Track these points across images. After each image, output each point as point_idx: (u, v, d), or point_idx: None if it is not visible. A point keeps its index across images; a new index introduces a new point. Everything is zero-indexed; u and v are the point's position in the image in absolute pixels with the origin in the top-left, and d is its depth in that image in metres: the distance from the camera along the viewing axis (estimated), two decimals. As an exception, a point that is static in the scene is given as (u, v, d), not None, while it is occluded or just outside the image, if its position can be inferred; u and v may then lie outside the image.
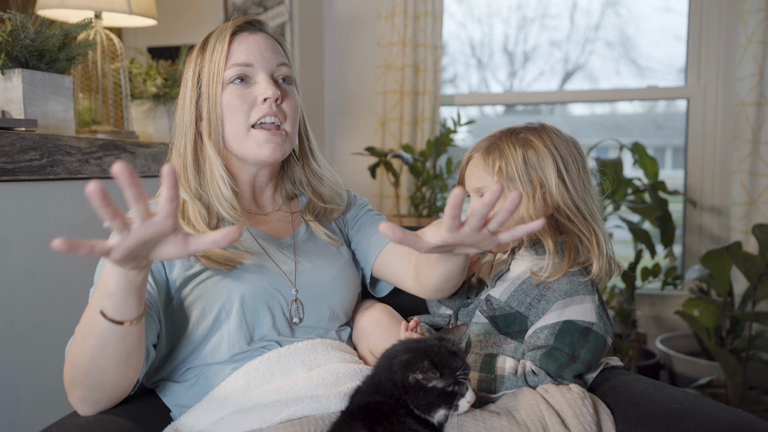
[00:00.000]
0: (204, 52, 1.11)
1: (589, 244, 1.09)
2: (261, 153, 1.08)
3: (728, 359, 2.25)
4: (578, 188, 1.11)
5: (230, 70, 1.08)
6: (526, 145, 1.10)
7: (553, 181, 1.09)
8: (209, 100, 1.09)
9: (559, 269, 1.08)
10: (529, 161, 1.09)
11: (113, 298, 0.84)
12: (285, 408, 0.95)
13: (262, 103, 1.08)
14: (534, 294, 1.09)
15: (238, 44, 1.10)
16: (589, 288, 1.08)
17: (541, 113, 3.69)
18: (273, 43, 1.13)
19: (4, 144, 1.34)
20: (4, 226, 1.37)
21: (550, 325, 1.05)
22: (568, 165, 1.10)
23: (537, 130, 1.13)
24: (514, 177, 1.09)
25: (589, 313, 1.05)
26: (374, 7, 3.03)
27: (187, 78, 1.13)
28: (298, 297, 1.10)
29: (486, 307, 1.13)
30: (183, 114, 1.12)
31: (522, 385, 1.02)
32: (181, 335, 1.03)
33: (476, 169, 1.14)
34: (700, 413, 0.89)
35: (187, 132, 1.11)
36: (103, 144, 1.66)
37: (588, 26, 3.32)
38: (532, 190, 1.09)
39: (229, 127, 1.09)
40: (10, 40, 1.44)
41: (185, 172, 1.10)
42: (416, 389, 0.87)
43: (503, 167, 1.10)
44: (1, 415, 1.36)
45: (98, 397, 0.96)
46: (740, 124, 2.65)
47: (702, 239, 2.91)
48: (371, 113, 3.12)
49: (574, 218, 1.10)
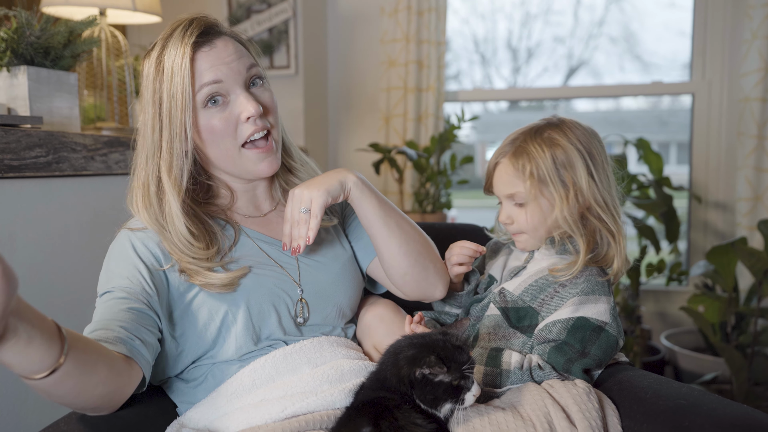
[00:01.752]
0: (161, 74, 1.01)
1: (613, 242, 1.09)
2: (259, 171, 1.07)
3: (733, 355, 2.24)
4: (604, 182, 1.09)
5: (201, 92, 1.01)
6: (553, 145, 1.08)
7: (583, 179, 1.07)
8: (173, 128, 1.01)
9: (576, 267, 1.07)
10: (558, 161, 1.07)
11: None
12: (290, 404, 0.95)
13: (246, 121, 1.04)
14: (549, 291, 1.08)
15: (202, 62, 1.01)
16: (606, 289, 1.08)
17: (545, 109, 3.69)
18: (235, 45, 1.06)
19: (10, 141, 1.34)
20: (10, 222, 1.38)
21: (563, 320, 1.05)
22: (594, 159, 1.09)
23: (559, 126, 1.10)
24: (546, 179, 1.07)
25: (603, 314, 1.05)
26: (377, 3, 3.03)
27: (146, 102, 1.04)
28: (304, 296, 1.10)
29: (499, 299, 1.13)
30: (144, 141, 1.05)
31: (527, 379, 1.02)
32: (190, 337, 1.03)
33: (506, 175, 1.12)
34: (705, 408, 0.89)
35: (149, 161, 1.04)
36: (108, 141, 1.66)
37: (592, 22, 3.31)
38: (566, 190, 1.07)
39: (217, 151, 1.06)
40: (16, 37, 1.44)
41: (149, 203, 1.05)
42: (423, 384, 0.87)
43: (534, 171, 1.07)
44: (9, 410, 1.37)
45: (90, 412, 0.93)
46: (745, 119, 2.64)
47: (707, 235, 2.90)
48: (375, 109, 3.12)
49: (605, 216, 1.08)
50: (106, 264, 1.05)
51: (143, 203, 1.05)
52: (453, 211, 3.06)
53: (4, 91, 1.48)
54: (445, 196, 2.84)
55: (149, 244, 1.03)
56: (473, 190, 4.29)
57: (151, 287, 1.00)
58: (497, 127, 4.21)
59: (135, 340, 0.92)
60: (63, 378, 0.77)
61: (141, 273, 1.00)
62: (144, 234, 1.05)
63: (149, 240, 1.04)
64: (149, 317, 0.98)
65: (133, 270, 1.00)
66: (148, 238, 1.04)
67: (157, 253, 1.03)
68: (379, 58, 3.04)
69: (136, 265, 1.01)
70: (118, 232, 1.08)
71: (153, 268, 1.02)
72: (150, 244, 1.03)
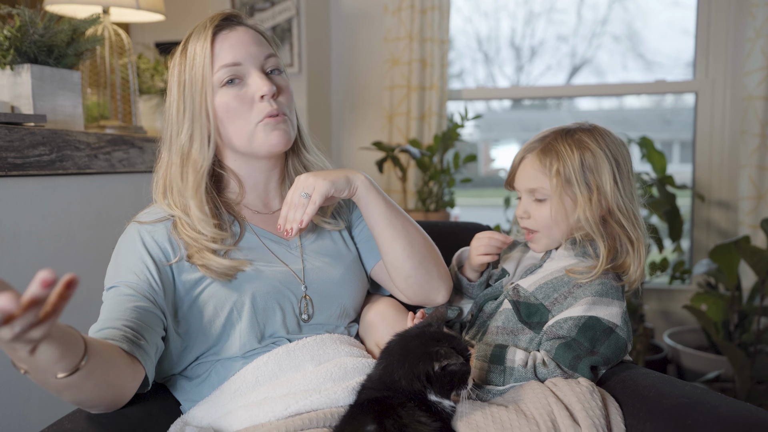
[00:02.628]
0: (185, 59, 1.08)
1: (632, 250, 1.10)
2: (271, 141, 1.07)
3: (736, 354, 2.24)
4: (627, 191, 1.11)
5: (219, 72, 1.06)
6: (582, 147, 1.10)
7: (608, 185, 1.08)
8: (194, 108, 1.06)
9: (596, 270, 1.08)
10: (586, 163, 1.09)
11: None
12: (294, 402, 0.95)
13: (260, 100, 1.06)
14: (563, 290, 1.09)
15: (221, 44, 1.07)
16: (620, 294, 1.09)
17: (548, 108, 3.68)
18: (255, 35, 1.10)
19: (14, 139, 1.35)
20: (14, 220, 1.38)
21: (575, 317, 1.05)
22: (620, 168, 1.11)
23: (590, 131, 1.12)
24: (571, 179, 1.09)
25: (615, 316, 1.06)
26: (381, 1, 3.03)
27: (171, 86, 1.09)
28: (308, 294, 1.10)
29: (512, 293, 1.14)
30: (170, 123, 1.10)
31: (531, 377, 1.02)
32: (195, 334, 1.03)
33: (531, 170, 1.13)
34: (708, 407, 0.89)
35: (173, 142, 1.09)
36: (112, 139, 1.67)
37: (595, 20, 3.31)
38: (589, 193, 1.09)
39: (233, 129, 1.08)
40: (19, 35, 1.45)
41: (171, 187, 1.09)
42: (441, 376, 0.89)
43: (561, 169, 1.09)
44: (12, 408, 1.37)
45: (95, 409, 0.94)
46: (749, 118, 2.64)
47: (710, 234, 2.89)
48: (378, 108, 3.12)
49: (626, 222, 1.10)
50: (115, 256, 1.06)
51: (163, 185, 1.09)
52: (456, 210, 3.07)
53: (7, 90, 1.48)
54: (448, 195, 2.84)
55: (158, 238, 1.04)
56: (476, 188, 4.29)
57: (158, 283, 1.01)
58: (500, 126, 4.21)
59: (141, 340, 0.93)
60: (81, 377, 0.80)
61: (148, 268, 1.01)
62: (153, 227, 1.06)
63: (158, 233, 1.05)
64: (155, 315, 0.98)
65: (141, 264, 1.01)
66: (156, 232, 1.05)
67: (166, 247, 1.04)
68: (383, 56, 3.04)
69: (144, 260, 1.02)
70: (127, 224, 1.09)
71: (160, 263, 1.02)
72: (159, 237, 1.04)
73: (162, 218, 1.08)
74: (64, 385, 0.80)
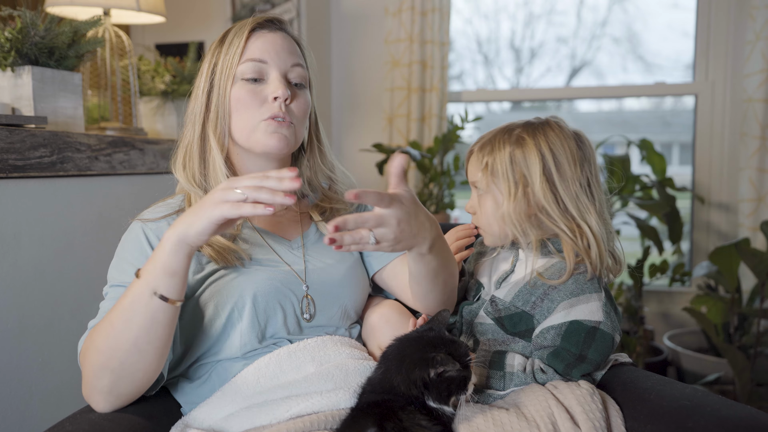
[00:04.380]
0: (222, 46, 1.12)
1: (572, 242, 1.09)
2: (268, 142, 1.08)
3: (736, 356, 2.24)
4: (570, 186, 1.10)
5: (244, 65, 1.09)
6: (516, 143, 1.11)
7: (537, 180, 1.09)
8: (218, 92, 1.10)
9: (566, 271, 1.07)
10: (514, 159, 1.10)
11: (174, 278, 0.90)
12: (295, 404, 0.95)
13: (273, 101, 1.08)
14: (538, 293, 1.08)
15: (255, 40, 1.10)
16: (595, 286, 1.07)
17: (548, 110, 3.68)
18: (291, 43, 1.13)
19: (15, 141, 1.35)
20: (15, 222, 1.38)
21: (556, 326, 1.04)
22: (559, 163, 1.10)
23: (534, 127, 1.13)
24: (497, 173, 1.11)
25: (595, 312, 1.04)
26: (381, 3, 3.03)
27: (203, 69, 1.13)
28: (309, 293, 1.10)
29: (491, 308, 1.12)
30: (194, 104, 1.13)
31: (531, 382, 1.02)
32: (195, 334, 1.04)
33: (472, 164, 1.18)
34: (709, 410, 0.89)
35: (196, 122, 1.12)
36: (112, 141, 1.67)
37: (595, 22, 3.31)
38: (515, 188, 1.10)
39: (237, 122, 1.09)
40: (20, 37, 1.45)
41: (190, 162, 1.11)
42: (438, 383, 0.88)
43: (490, 163, 1.12)
44: (13, 409, 1.37)
45: (122, 390, 0.96)
46: (748, 120, 2.64)
47: (710, 236, 2.90)
48: (378, 110, 3.12)
49: (557, 217, 1.09)
50: (119, 252, 1.07)
51: (182, 162, 1.12)
52: (456, 212, 3.07)
53: (8, 91, 1.48)
54: (448, 197, 2.84)
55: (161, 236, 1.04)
56: (476, 190, 4.29)
57: None
58: (500, 128, 4.19)
59: None
60: (178, 313, 0.95)
61: None
62: (156, 225, 1.07)
63: (161, 231, 1.06)
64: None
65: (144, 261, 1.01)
66: (159, 230, 1.06)
67: None
68: (383, 58, 3.04)
69: (148, 256, 1.02)
70: (131, 222, 1.10)
71: None
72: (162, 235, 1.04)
73: (166, 215, 1.09)
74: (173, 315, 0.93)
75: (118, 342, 0.92)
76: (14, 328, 1.38)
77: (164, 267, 0.90)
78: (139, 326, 0.91)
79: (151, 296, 0.90)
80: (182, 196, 1.14)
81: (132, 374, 0.94)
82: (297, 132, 1.12)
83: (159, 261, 0.90)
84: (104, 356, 0.93)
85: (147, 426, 0.97)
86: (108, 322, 0.93)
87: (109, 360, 0.93)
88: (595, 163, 1.15)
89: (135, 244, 1.05)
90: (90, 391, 0.96)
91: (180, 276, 0.91)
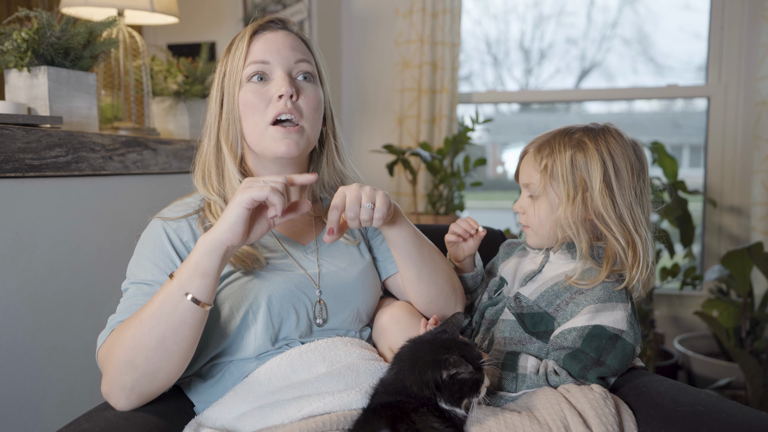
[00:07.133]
0: (228, 53, 1.13)
1: (623, 254, 1.08)
2: (277, 149, 1.08)
3: (748, 361, 2.23)
4: (627, 195, 1.09)
5: (248, 68, 1.10)
6: (577, 147, 1.09)
7: (597, 186, 1.07)
8: (228, 99, 1.11)
9: (597, 277, 1.07)
10: (576, 163, 1.09)
11: (206, 279, 0.92)
12: (307, 404, 0.96)
13: (278, 100, 1.08)
14: (565, 296, 1.08)
15: (257, 42, 1.11)
16: (623, 296, 1.07)
17: (557, 111, 3.67)
18: (294, 39, 1.13)
19: (31, 140, 1.36)
20: (30, 221, 1.39)
21: (579, 328, 1.04)
22: (619, 171, 1.09)
23: (594, 132, 1.11)
24: (557, 176, 1.09)
25: (620, 321, 1.04)
26: (392, 4, 3.03)
27: (215, 79, 1.15)
28: (322, 298, 1.10)
29: (515, 304, 1.13)
30: (209, 115, 1.15)
31: (543, 384, 1.02)
32: (210, 333, 1.04)
33: (526, 165, 1.16)
34: (724, 415, 0.88)
35: (211, 133, 1.13)
36: (126, 141, 1.68)
37: (605, 23, 3.30)
38: (574, 192, 1.08)
39: (248, 125, 1.10)
40: (36, 38, 1.46)
41: (209, 174, 1.12)
42: (450, 385, 0.88)
43: (549, 165, 1.10)
44: (27, 407, 1.38)
45: (144, 389, 0.97)
46: (762, 123, 2.63)
47: (721, 239, 2.88)
48: (389, 111, 3.13)
49: (613, 225, 1.08)
50: (139, 249, 1.08)
51: (201, 175, 1.14)
52: (466, 213, 3.06)
53: (24, 91, 1.49)
54: (458, 198, 2.84)
55: (182, 235, 1.07)
56: (486, 191, 4.28)
57: None
58: (509, 129, 4.20)
59: None
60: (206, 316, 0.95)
61: (174, 263, 1.04)
62: (177, 224, 1.08)
63: (182, 231, 1.07)
64: None
65: (166, 259, 1.04)
66: (180, 229, 1.08)
67: (190, 245, 1.06)
68: (394, 59, 3.05)
69: (170, 255, 1.05)
70: (150, 219, 1.11)
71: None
72: (183, 234, 1.07)
73: (186, 214, 1.10)
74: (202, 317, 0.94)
75: (146, 339, 0.93)
76: (29, 326, 1.39)
77: (197, 267, 0.91)
78: (167, 325, 0.92)
79: (182, 297, 0.91)
80: (200, 195, 1.15)
81: (154, 372, 0.95)
82: (309, 132, 1.12)
83: (192, 261, 0.92)
84: (131, 352, 0.93)
85: (162, 425, 0.97)
86: (138, 319, 0.94)
87: (135, 356, 0.93)
88: (648, 174, 1.14)
89: (155, 242, 1.06)
90: (111, 388, 0.97)
91: (212, 277, 0.92)
